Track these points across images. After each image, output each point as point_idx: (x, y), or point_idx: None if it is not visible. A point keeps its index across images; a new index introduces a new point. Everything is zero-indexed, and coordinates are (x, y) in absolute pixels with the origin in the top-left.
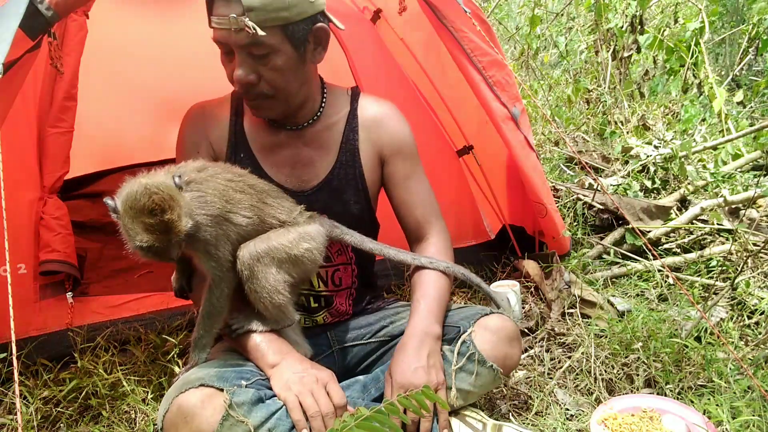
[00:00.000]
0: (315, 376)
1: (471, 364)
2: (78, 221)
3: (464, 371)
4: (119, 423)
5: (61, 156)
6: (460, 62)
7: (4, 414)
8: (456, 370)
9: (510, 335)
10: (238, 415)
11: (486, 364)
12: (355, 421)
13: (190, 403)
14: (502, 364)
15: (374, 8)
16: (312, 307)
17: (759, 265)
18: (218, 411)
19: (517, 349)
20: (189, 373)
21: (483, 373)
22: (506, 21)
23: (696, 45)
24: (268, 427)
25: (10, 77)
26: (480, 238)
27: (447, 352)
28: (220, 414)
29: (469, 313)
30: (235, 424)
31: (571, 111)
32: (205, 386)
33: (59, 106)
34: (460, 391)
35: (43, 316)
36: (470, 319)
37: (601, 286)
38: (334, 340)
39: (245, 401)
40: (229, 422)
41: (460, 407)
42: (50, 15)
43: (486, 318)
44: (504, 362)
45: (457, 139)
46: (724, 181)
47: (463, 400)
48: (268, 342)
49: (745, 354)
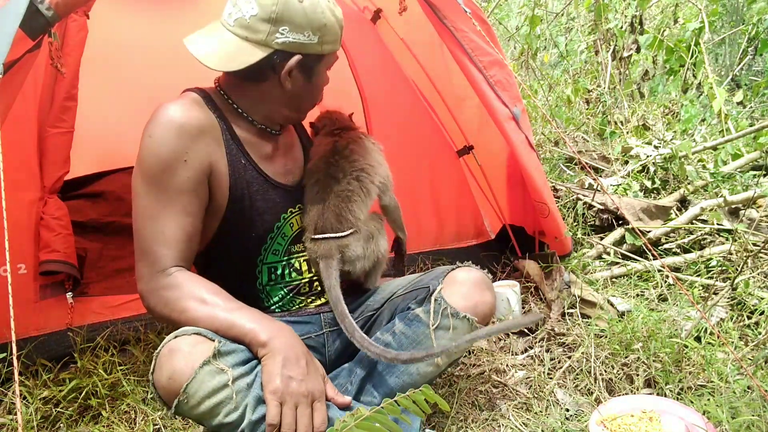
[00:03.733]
0: (306, 389)
1: (446, 319)
2: (78, 221)
3: (441, 329)
4: (119, 423)
5: (61, 156)
6: (461, 62)
7: (4, 414)
8: (434, 330)
9: (478, 283)
10: (220, 364)
11: (459, 316)
12: (355, 421)
13: (179, 344)
14: (474, 312)
15: (374, 8)
16: (304, 291)
17: (759, 265)
18: (203, 355)
19: (488, 296)
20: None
21: (459, 325)
22: (506, 21)
23: (696, 45)
24: (246, 382)
25: (11, 77)
26: (480, 238)
27: (421, 314)
28: (203, 357)
29: (436, 272)
30: (215, 372)
31: (571, 111)
32: (200, 335)
33: (59, 107)
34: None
35: (44, 317)
36: (438, 277)
37: (601, 286)
38: (326, 322)
39: (233, 355)
40: (209, 367)
41: (446, 365)
42: (51, 15)
43: (453, 272)
44: (476, 310)
45: (458, 139)
46: (724, 181)
47: (447, 357)
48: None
49: (745, 354)
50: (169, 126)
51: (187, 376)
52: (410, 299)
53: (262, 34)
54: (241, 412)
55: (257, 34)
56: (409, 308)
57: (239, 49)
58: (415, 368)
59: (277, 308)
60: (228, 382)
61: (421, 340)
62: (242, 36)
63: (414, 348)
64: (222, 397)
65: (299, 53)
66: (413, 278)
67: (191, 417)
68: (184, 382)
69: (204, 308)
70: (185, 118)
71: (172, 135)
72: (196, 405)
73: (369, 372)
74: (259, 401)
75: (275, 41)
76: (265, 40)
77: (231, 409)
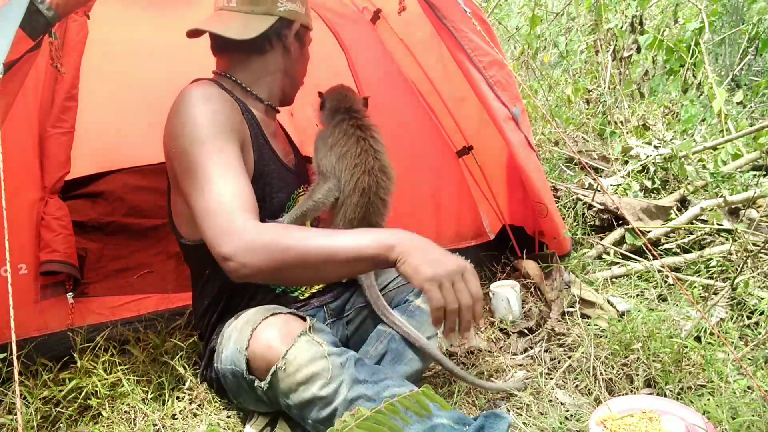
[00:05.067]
0: (455, 265)
1: None
2: (78, 221)
3: None
4: (119, 423)
5: (62, 156)
6: (461, 62)
7: (4, 414)
8: None
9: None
10: (316, 337)
11: None
12: (355, 421)
13: (275, 320)
14: None
15: (374, 8)
16: None
17: (759, 265)
18: (299, 327)
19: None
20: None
21: None
22: (506, 21)
23: (696, 45)
24: (340, 361)
25: (11, 77)
26: (480, 239)
27: (422, 305)
28: (300, 329)
29: None
30: (312, 343)
31: (571, 111)
32: (294, 314)
33: (60, 107)
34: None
35: (44, 317)
36: None
37: (601, 286)
38: (329, 313)
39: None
40: (306, 337)
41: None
42: (51, 15)
43: None
44: None
45: (457, 139)
46: (723, 181)
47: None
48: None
49: (745, 354)
50: (211, 98)
51: (287, 345)
52: (406, 291)
53: (265, 6)
54: (335, 387)
55: (261, 6)
56: (408, 300)
57: (249, 20)
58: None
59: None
60: (325, 354)
61: (425, 328)
62: (248, 11)
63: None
64: (319, 368)
65: (297, 21)
66: None
67: (282, 392)
68: (284, 348)
69: (312, 235)
70: (220, 92)
71: (218, 105)
72: (293, 372)
73: (378, 362)
74: (354, 381)
75: (278, 9)
76: (269, 9)
77: (326, 382)
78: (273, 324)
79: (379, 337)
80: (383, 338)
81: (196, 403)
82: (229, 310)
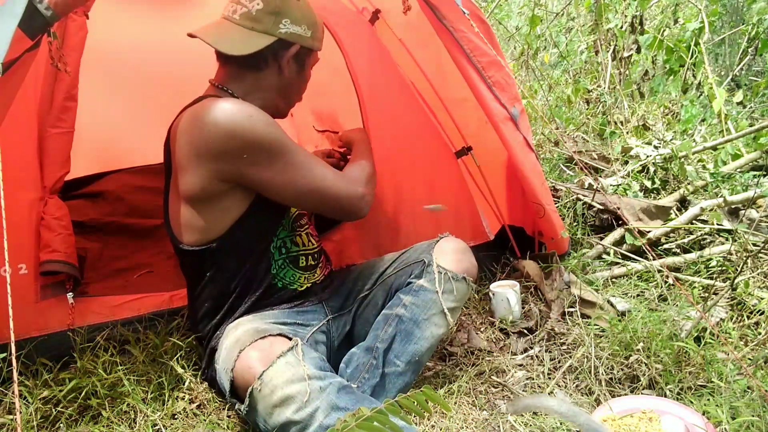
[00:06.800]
0: None
1: (448, 283)
2: (78, 221)
3: (446, 292)
4: (119, 423)
5: (61, 156)
6: (460, 62)
7: (4, 414)
8: (441, 293)
9: (463, 249)
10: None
11: (458, 278)
12: (355, 421)
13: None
14: (468, 274)
15: (373, 9)
16: (310, 264)
17: (759, 265)
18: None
19: (473, 258)
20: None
21: (460, 287)
22: (506, 21)
23: (696, 45)
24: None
25: (9, 76)
26: (479, 239)
27: (425, 284)
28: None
29: (422, 248)
30: (292, 364)
31: (571, 111)
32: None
33: (59, 107)
34: (450, 310)
35: (44, 317)
36: (426, 251)
37: (601, 286)
38: (330, 309)
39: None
40: (285, 359)
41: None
42: (49, 15)
43: (438, 244)
44: (469, 272)
45: (456, 140)
46: (723, 182)
47: (453, 317)
48: None
49: (745, 354)
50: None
51: (265, 365)
52: (406, 275)
53: (266, 25)
54: (310, 411)
55: (262, 24)
56: (410, 283)
57: (248, 36)
58: (429, 332)
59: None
60: (304, 377)
61: (430, 306)
62: (248, 27)
63: (424, 313)
64: (294, 391)
65: (297, 44)
66: (394, 258)
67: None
68: (261, 369)
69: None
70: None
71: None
72: (269, 394)
73: (389, 345)
74: (333, 408)
75: (279, 30)
76: (269, 29)
77: (300, 406)
78: (258, 346)
79: (387, 320)
80: (391, 321)
81: (196, 403)
82: (232, 309)
